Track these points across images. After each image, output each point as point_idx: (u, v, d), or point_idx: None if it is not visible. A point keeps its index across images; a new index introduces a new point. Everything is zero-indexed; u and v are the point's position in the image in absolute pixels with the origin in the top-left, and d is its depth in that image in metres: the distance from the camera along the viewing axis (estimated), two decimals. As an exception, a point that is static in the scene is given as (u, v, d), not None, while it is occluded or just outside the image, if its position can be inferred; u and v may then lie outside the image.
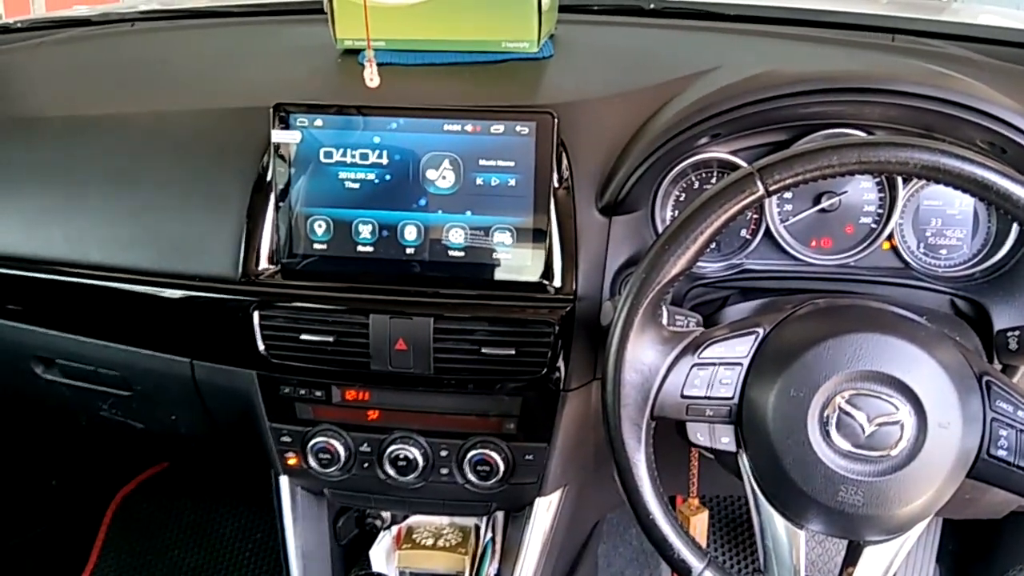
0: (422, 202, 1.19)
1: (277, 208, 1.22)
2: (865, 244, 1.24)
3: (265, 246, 1.23)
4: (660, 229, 1.25)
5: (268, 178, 1.22)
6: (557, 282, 1.19)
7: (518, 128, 1.17)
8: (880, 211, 1.24)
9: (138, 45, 1.63)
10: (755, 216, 1.26)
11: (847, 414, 0.93)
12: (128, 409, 1.47)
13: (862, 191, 1.24)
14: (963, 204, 1.24)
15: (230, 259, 1.24)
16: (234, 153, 1.27)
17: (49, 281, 1.33)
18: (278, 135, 1.20)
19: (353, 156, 1.19)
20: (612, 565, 2.08)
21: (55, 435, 2.06)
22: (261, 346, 1.23)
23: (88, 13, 1.76)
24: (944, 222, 1.24)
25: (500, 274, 1.20)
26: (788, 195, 1.25)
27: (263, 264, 1.23)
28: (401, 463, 1.27)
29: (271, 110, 1.20)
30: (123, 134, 1.35)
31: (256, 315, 1.22)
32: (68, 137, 1.38)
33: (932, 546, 1.98)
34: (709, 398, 0.99)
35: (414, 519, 1.49)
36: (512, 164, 1.17)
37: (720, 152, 1.23)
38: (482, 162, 1.18)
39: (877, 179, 1.23)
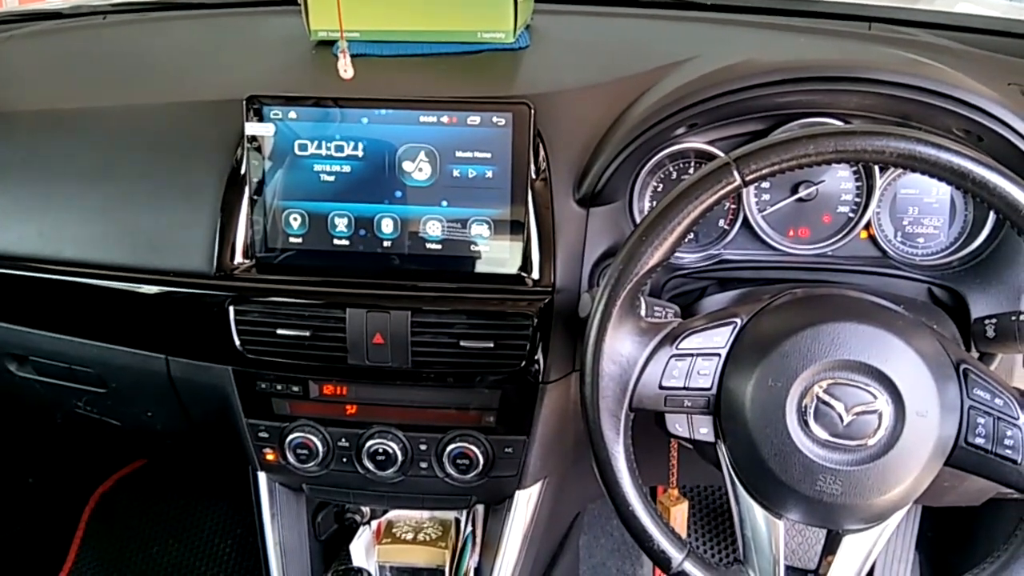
0: (398, 195, 1.18)
1: (252, 202, 1.21)
2: (843, 233, 1.24)
3: (240, 240, 1.22)
4: (638, 220, 1.25)
5: (242, 171, 1.21)
6: (535, 274, 1.19)
7: (495, 119, 1.16)
8: (857, 200, 1.24)
9: (110, 38, 1.61)
10: (733, 206, 1.26)
11: (825, 403, 0.93)
12: (104, 406, 1.46)
13: (839, 180, 1.24)
14: (940, 192, 1.24)
15: (205, 254, 1.23)
16: (208, 147, 1.26)
17: (22, 278, 1.31)
18: (252, 128, 1.19)
19: (328, 148, 1.18)
20: (593, 556, 2.08)
21: (31, 433, 2.04)
22: (237, 341, 1.22)
23: (59, 6, 1.75)
24: (921, 210, 1.24)
25: (478, 267, 1.19)
26: (766, 185, 1.25)
27: (238, 258, 1.23)
28: (380, 458, 1.26)
29: (244, 102, 1.18)
30: (96, 128, 1.34)
31: (231, 310, 1.21)
32: (40, 132, 1.36)
33: (911, 534, 1.99)
34: (687, 389, 0.99)
35: (394, 513, 1.49)
36: (489, 156, 1.17)
37: (697, 142, 1.22)
38: (459, 154, 1.17)
39: (854, 168, 1.23)
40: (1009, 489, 0.95)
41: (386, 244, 1.20)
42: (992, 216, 1.21)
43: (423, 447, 1.27)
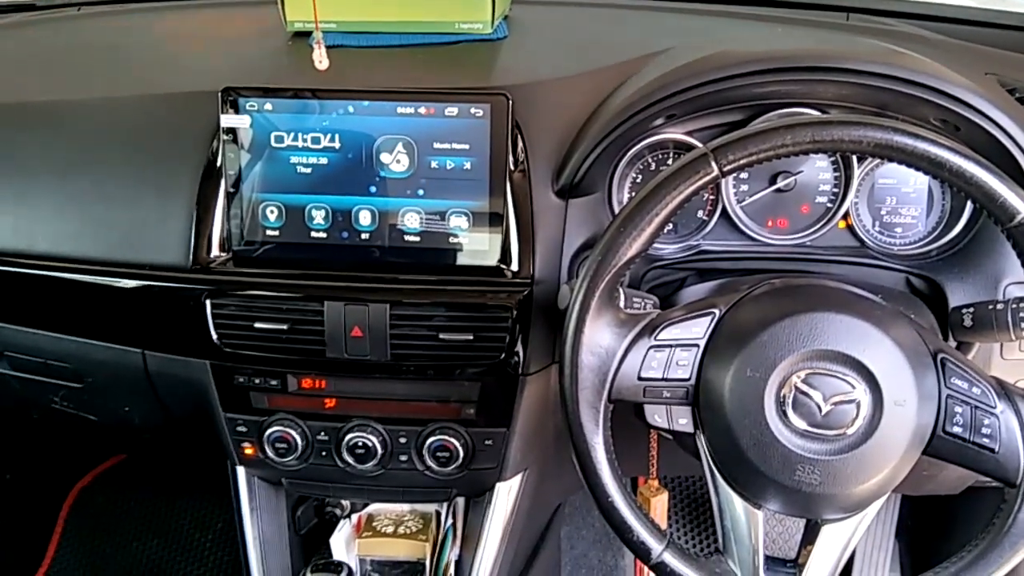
0: (376, 187, 1.18)
1: (228, 194, 1.20)
2: (821, 223, 1.24)
3: (216, 233, 1.21)
4: (617, 211, 1.24)
5: (218, 164, 1.20)
6: (514, 266, 1.18)
7: (472, 110, 1.15)
8: (835, 190, 1.24)
9: (85, 30, 1.60)
10: (711, 197, 1.26)
11: (803, 393, 0.93)
12: (80, 401, 1.45)
13: (817, 170, 1.24)
14: (917, 182, 1.24)
15: (181, 247, 1.22)
16: (184, 139, 1.25)
17: (-4, 272, 1.30)
18: (227, 119, 1.18)
19: (305, 140, 1.17)
20: (575, 547, 2.08)
21: (8, 429, 2.03)
22: (214, 335, 1.21)
23: (33, -2, 1.73)
24: (899, 200, 1.25)
25: (457, 259, 1.19)
26: (744, 175, 1.25)
27: (215, 252, 1.22)
28: (359, 451, 1.26)
29: (220, 94, 1.17)
30: (70, 121, 1.33)
31: (208, 304, 1.20)
32: (14, 125, 1.35)
33: (891, 522, 2.00)
34: (666, 380, 0.99)
35: (374, 507, 1.48)
36: (467, 147, 1.16)
37: (675, 133, 1.22)
38: (436, 145, 1.16)
39: (832, 158, 1.24)
40: (987, 478, 0.96)
41: (364, 236, 1.19)
42: (969, 205, 1.21)
43: (403, 440, 1.26)
